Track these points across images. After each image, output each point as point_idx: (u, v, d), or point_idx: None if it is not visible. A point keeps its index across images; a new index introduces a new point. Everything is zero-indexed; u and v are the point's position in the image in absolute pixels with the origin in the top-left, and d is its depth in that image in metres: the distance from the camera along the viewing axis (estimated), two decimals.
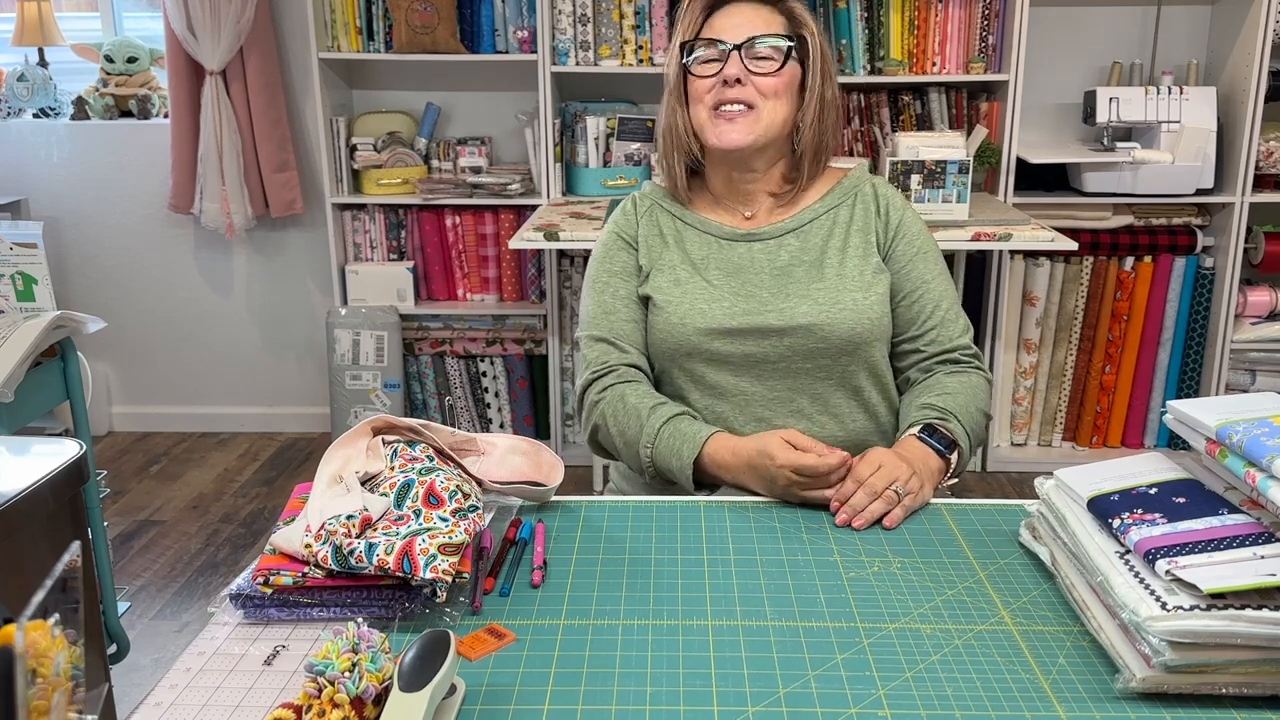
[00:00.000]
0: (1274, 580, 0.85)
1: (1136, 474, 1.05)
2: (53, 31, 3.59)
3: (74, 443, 1.47)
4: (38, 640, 0.62)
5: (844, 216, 1.52)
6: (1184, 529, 0.93)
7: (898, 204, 1.54)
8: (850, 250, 1.49)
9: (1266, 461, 0.91)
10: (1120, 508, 0.99)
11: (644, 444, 1.38)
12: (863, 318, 1.44)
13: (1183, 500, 0.99)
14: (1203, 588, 0.84)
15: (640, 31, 3.24)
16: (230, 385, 3.82)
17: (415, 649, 0.83)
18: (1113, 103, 3.16)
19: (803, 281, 1.47)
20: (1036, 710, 0.86)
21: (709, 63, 1.46)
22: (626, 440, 1.42)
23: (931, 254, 1.52)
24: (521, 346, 3.54)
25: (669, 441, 1.36)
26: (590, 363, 1.52)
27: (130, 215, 3.66)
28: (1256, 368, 3.37)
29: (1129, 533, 0.95)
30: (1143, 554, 0.91)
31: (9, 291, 2.16)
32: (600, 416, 1.46)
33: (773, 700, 0.88)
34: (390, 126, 3.46)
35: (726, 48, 1.44)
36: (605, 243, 1.59)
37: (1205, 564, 0.88)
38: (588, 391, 1.50)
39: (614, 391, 1.46)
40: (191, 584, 2.75)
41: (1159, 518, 0.96)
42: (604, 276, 1.56)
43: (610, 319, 1.53)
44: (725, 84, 1.44)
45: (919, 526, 1.19)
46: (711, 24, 1.47)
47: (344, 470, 1.13)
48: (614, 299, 1.54)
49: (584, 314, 1.57)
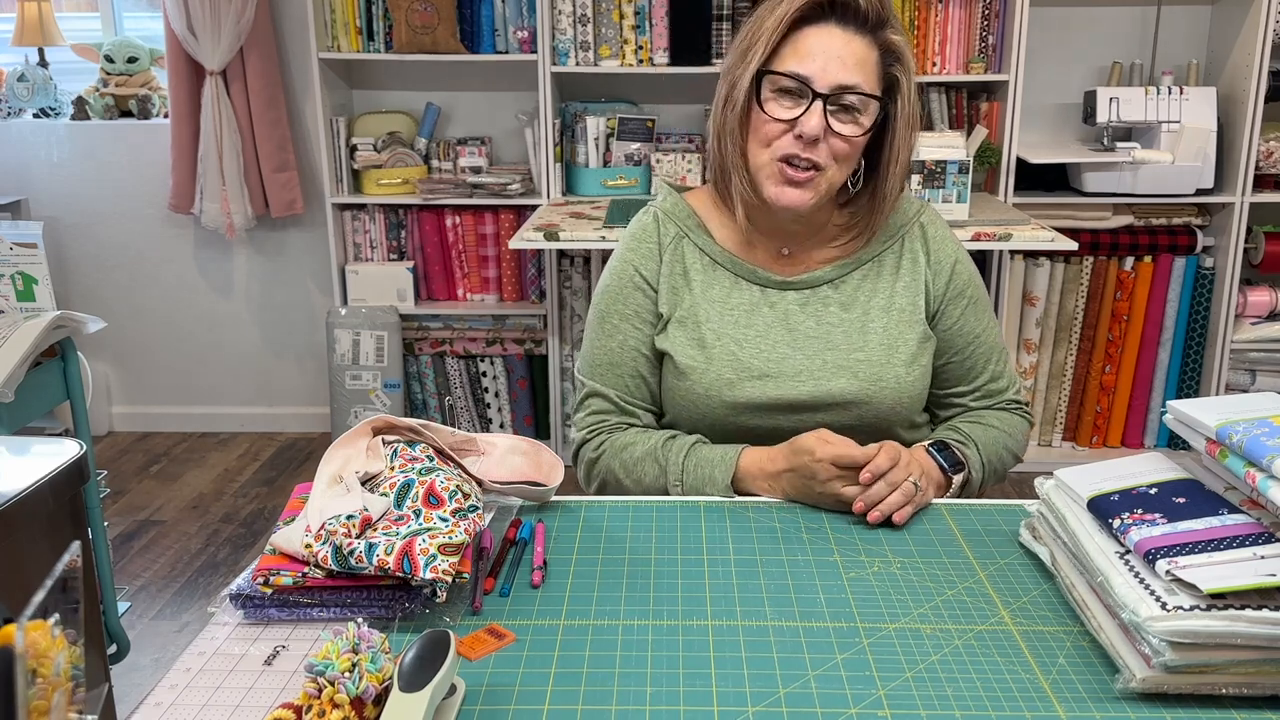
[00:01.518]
0: (1274, 580, 0.85)
1: (1137, 474, 1.05)
2: (53, 31, 3.59)
3: (74, 443, 1.47)
4: (38, 640, 0.62)
5: (890, 265, 1.39)
6: (1184, 529, 0.93)
7: (949, 250, 1.41)
8: (895, 312, 1.37)
9: (1267, 461, 0.91)
10: (1120, 508, 0.99)
11: (673, 484, 1.30)
12: (904, 394, 1.35)
13: (1183, 500, 0.99)
14: (1203, 588, 0.84)
15: (640, 31, 3.24)
16: (230, 385, 3.82)
17: (415, 649, 0.83)
18: (1113, 103, 3.16)
19: (843, 350, 1.35)
20: (1036, 710, 0.86)
21: (785, 99, 1.27)
22: (646, 487, 1.33)
23: (982, 302, 1.42)
24: (521, 346, 3.54)
25: (698, 472, 1.29)
26: (585, 422, 1.42)
27: (130, 215, 3.66)
28: (1256, 368, 3.37)
29: (1129, 533, 0.94)
30: (1143, 554, 0.91)
31: (9, 291, 2.16)
32: (607, 472, 1.38)
33: (773, 700, 0.88)
34: (390, 126, 3.46)
35: (810, 96, 1.25)
36: (619, 274, 1.41)
37: (1205, 564, 0.88)
38: (583, 450, 1.42)
39: (613, 443, 1.37)
40: (191, 584, 2.75)
41: (1159, 518, 0.96)
42: (614, 319, 1.41)
43: (616, 372, 1.40)
44: (798, 138, 1.26)
45: (919, 526, 1.19)
46: (796, 44, 1.26)
47: (344, 470, 1.13)
48: (622, 349, 1.40)
49: (587, 353, 1.44)
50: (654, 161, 3.38)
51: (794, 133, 1.26)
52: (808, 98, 1.25)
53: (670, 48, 3.24)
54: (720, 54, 3.24)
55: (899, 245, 1.41)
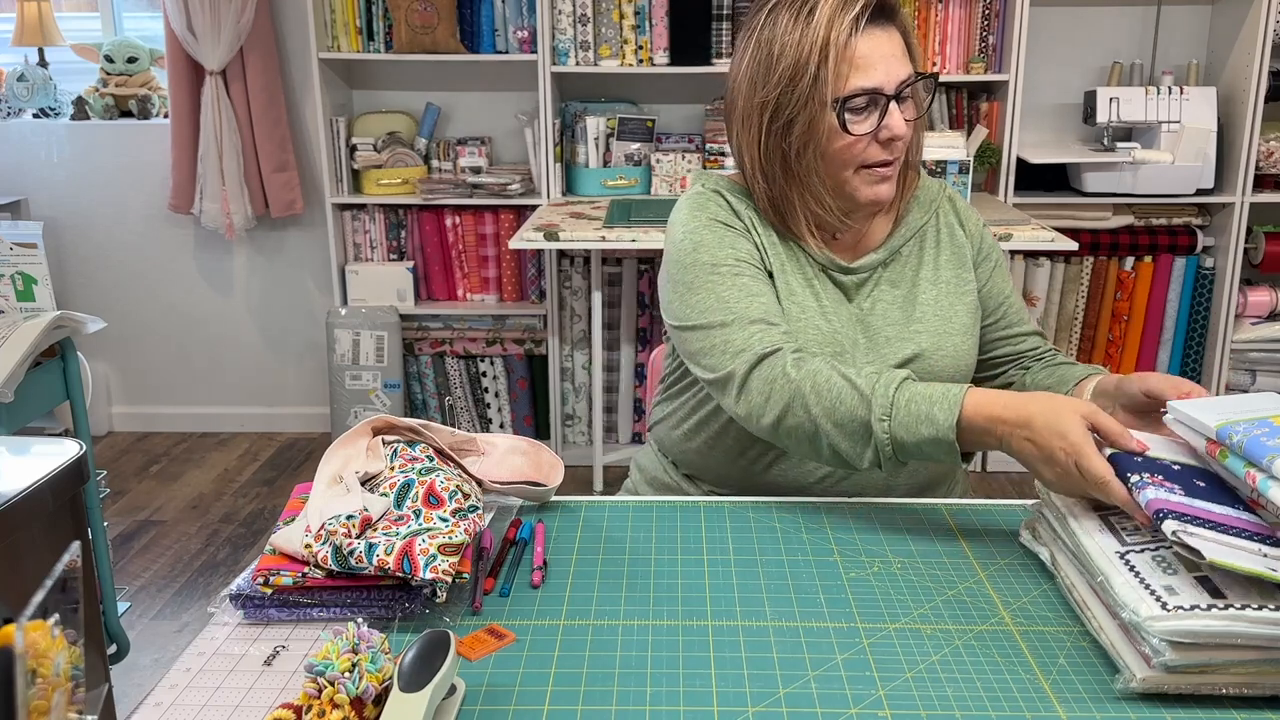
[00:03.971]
0: (1275, 575, 0.84)
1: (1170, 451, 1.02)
2: (53, 31, 3.59)
3: (74, 443, 1.47)
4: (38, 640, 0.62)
5: (930, 239, 1.41)
6: (1199, 506, 0.93)
7: (975, 216, 1.46)
8: (942, 284, 1.38)
9: (1267, 462, 0.91)
10: (1145, 469, 0.97)
11: (878, 418, 1.13)
12: (961, 362, 1.36)
13: (1203, 485, 0.98)
14: (1206, 555, 0.84)
15: (640, 31, 3.24)
16: (230, 385, 3.82)
17: (415, 649, 0.83)
18: (1113, 103, 3.16)
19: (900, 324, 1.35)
20: (1036, 710, 0.86)
21: (859, 114, 1.26)
22: (837, 420, 1.16)
23: (1004, 264, 1.46)
24: (521, 346, 3.54)
25: (911, 409, 1.12)
26: (745, 346, 1.24)
27: (130, 215, 3.66)
28: (1256, 368, 3.37)
29: (1144, 489, 0.93)
30: (1153, 512, 0.90)
31: (9, 291, 2.16)
32: (791, 395, 1.18)
33: (773, 700, 0.88)
34: (390, 126, 3.46)
35: (881, 102, 1.25)
36: (709, 229, 1.33)
37: (1211, 538, 0.88)
38: (758, 371, 1.22)
39: (803, 365, 1.20)
40: (191, 584, 2.75)
41: (1177, 488, 0.95)
42: (726, 262, 1.30)
43: (760, 301, 1.28)
44: (885, 143, 1.27)
45: (919, 526, 1.19)
46: (851, 59, 1.24)
47: (344, 470, 1.13)
48: (754, 281, 1.30)
49: (710, 303, 1.28)
50: (654, 161, 3.38)
51: (878, 139, 1.27)
52: (879, 104, 1.25)
53: (670, 48, 3.24)
54: (720, 54, 3.24)
55: (935, 219, 1.42)
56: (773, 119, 1.28)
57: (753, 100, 1.29)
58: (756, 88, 1.28)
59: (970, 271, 1.42)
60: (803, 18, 1.24)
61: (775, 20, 1.27)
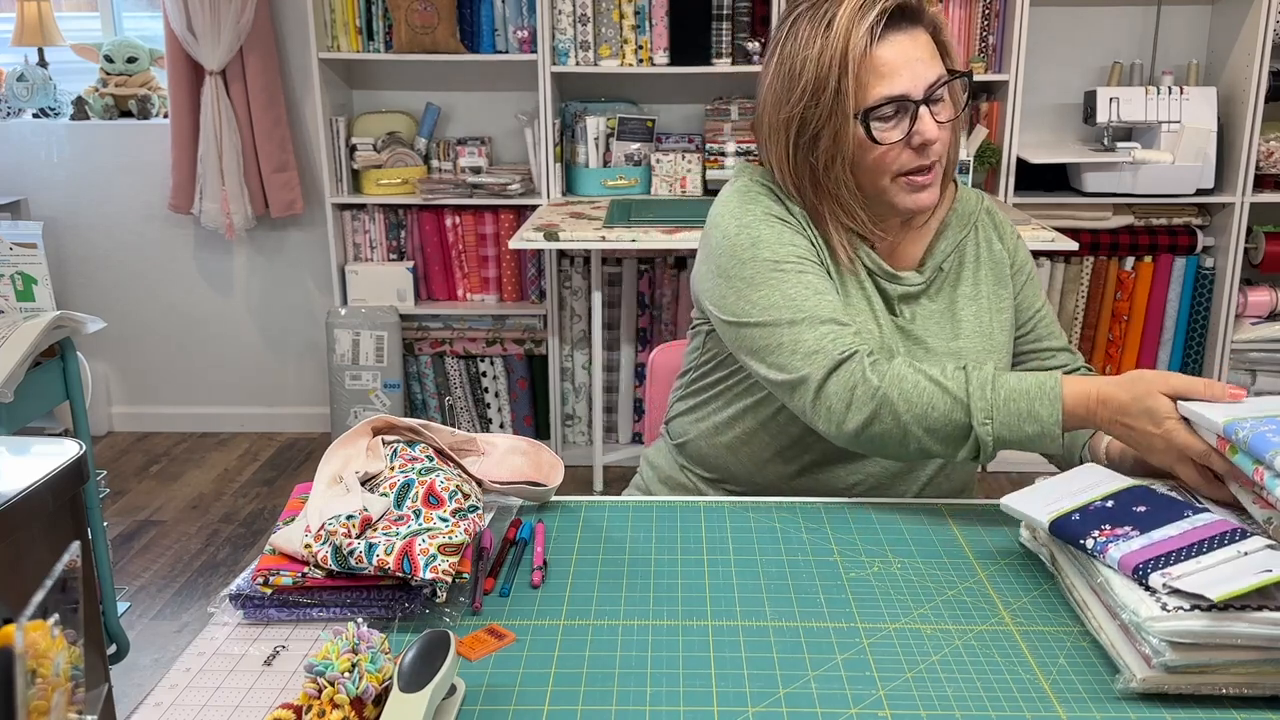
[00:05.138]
0: (1273, 576, 0.84)
1: (1085, 488, 1.05)
2: (53, 31, 3.59)
3: (74, 443, 1.47)
4: (37, 640, 0.62)
5: (970, 254, 1.38)
6: (1160, 537, 0.93)
7: (1010, 227, 1.43)
8: (982, 300, 1.36)
9: (1270, 456, 0.91)
10: (1087, 526, 0.98)
11: (980, 421, 1.12)
12: None
13: (1144, 509, 0.98)
14: (1211, 596, 0.83)
15: (640, 31, 3.24)
16: (230, 385, 3.82)
17: (415, 649, 0.83)
18: (1113, 103, 3.16)
19: (942, 339, 1.33)
20: (1036, 710, 0.86)
21: (888, 122, 1.23)
22: (931, 425, 1.14)
23: (1035, 274, 1.44)
24: (521, 346, 3.54)
25: (1011, 407, 1.12)
26: (818, 348, 1.19)
27: (130, 215, 3.66)
28: (1257, 368, 3.37)
29: (1107, 551, 0.93)
30: (1131, 570, 0.90)
31: (9, 291, 2.16)
32: (877, 402, 1.15)
33: (773, 700, 0.88)
34: (390, 126, 3.46)
35: (910, 108, 1.22)
36: (764, 223, 1.28)
37: (1198, 570, 0.87)
38: (835, 377, 1.18)
39: (884, 370, 1.17)
40: (191, 584, 2.75)
41: (1130, 530, 0.95)
42: (790, 259, 1.25)
43: (828, 299, 1.23)
44: (918, 149, 1.23)
45: (919, 526, 1.19)
46: (875, 68, 1.21)
47: (344, 470, 1.13)
48: (820, 279, 1.25)
49: (776, 300, 1.23)
50: (654, 161, 3.38)
51: (910, 145, 1.24)
52: (909, 110, 1.22)
53: (670, 48, 3.24)
54: (720, 54, 3.24)
55: (974, 234, 1.40)
56: (799, 134, 1.26)
57: (778, 116, 1.27)
58: (781, 104, 1.26)
59: (1008, 287, 1.40)
60: (821, 29, 1.22)
61: (796, 33, 1.25)
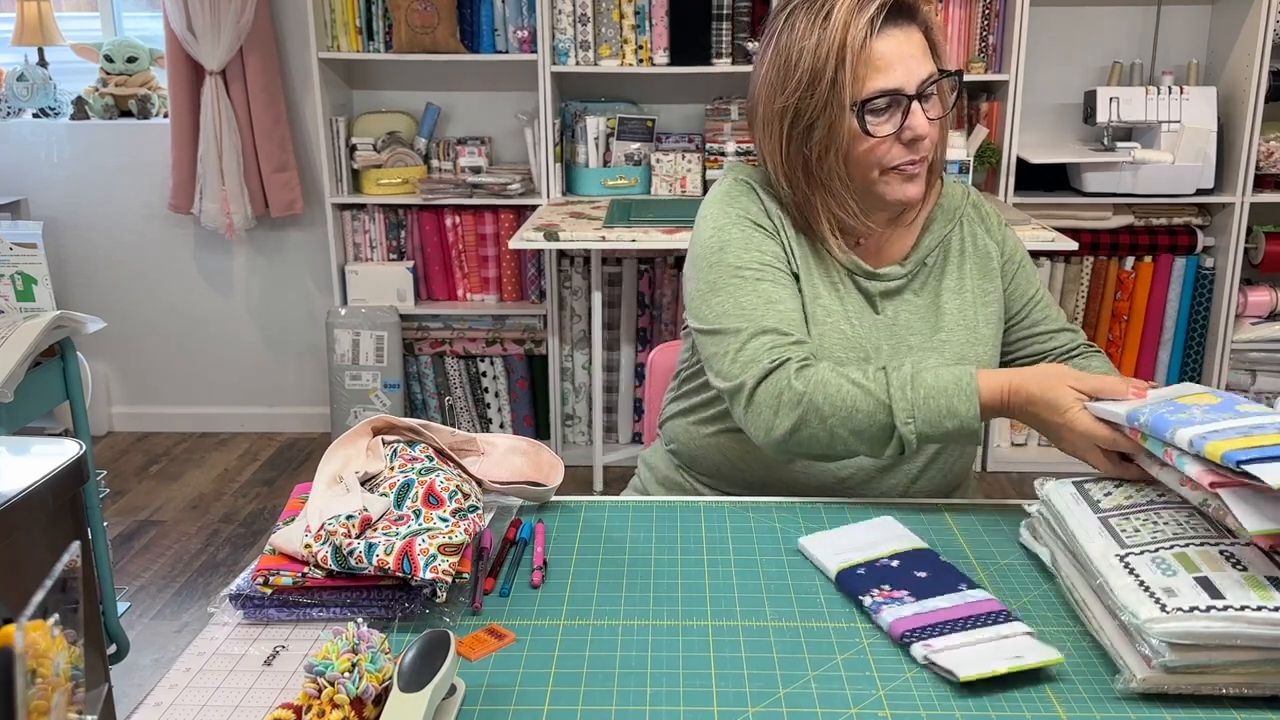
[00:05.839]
0: (1022, 664, 0.88)
1: (875, 543, 1.10)
2: (52, 31, 3.59)
3: (74, 443, 1.47)
4: (38, 640, 0.62)
5: (955, 249, 1.39)
6: (931, 607, 0.97)
7: (997, 219, 1.44)
8: (966, 294, 1.37)
9: (1170, 434, 0.94)
10: (869, 583, 1.03)
11: (902, 421, 1.16)
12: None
13: (924, 575, 1.03)
14: (959, 675, 0.87)
15: (640, 31, 3.24)
16: (230, 385, 3.82)
17: (415, 649, 0.83)
18: (1113, 103, 3.16)
19: (924, 334, 1.35)
20: (1036, 710, 0.86)
21: (880, 115, 1.25)
22: (855, 427, 1.18)
23: (1030, 263, 1.44)
24: (521, 346, 3.54)
25: (930, 405, 1.16)
26: (754, 357, 1.23)
27: (130, 215, 3.66)
28: (1257, 368, 3.37)
29: (881, 612, 0.98)
30: (898, 636, 0.94)
31: (9, 291, 2.16)
32: (803, 408, 1.18)
33: (773, 700, 0.88)
34: (390, 126, 3.46)
35: (903, 102, 1.24)
36: (736, 226, 1.32)
37: (958, 646, 0.91)
38: (765, 384, 1.21)
39: (809, 376, 1.20)
40: (191, 584, 2.75)
41: (906, 595, 0.99)
42: (753, 265, 1.29)
43: (776, 309, 1.26)
44: (908, 143, 1.25)
45: (919, 526, 1.19)
46: (869, 61, 1.23)
47: (344, 470, 1.13)
48: (775, 287, 1.28)
49: (730, 307, 1.27)
50: (654, 161, 3.38)
51: (901, 139, 1.25)
52: (901, 104, 1.24)
53: (670, 48, 3.24)
54: (720, 54, 3.24)
55: (960, 228, 1.40)
56: (793, 124, 1.28)
57: (773, 106, 1.29)
58: (776, 93, 1.28)
59: (995, 280, 1.40)
60: (819, 21, 1.24)
61: (793, 25, 1.26)
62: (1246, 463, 0.84)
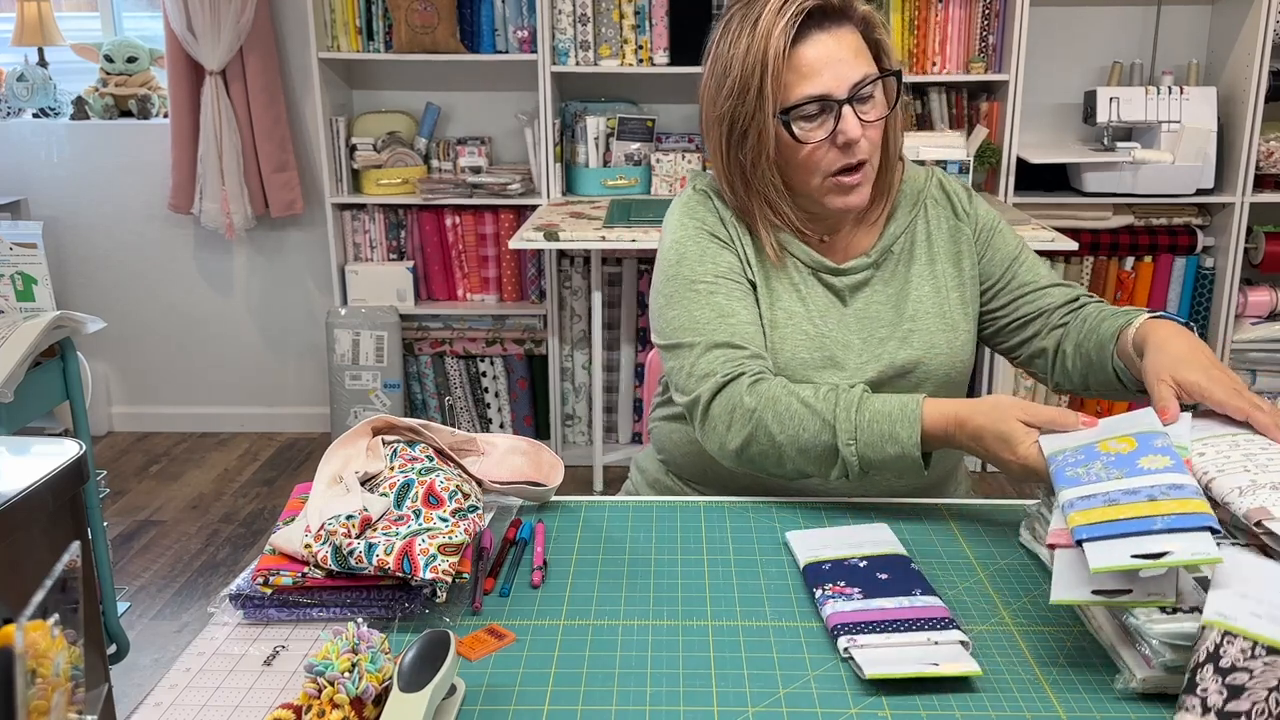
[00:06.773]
0: (934, 670, 0.88)
1: (855, 545, 1.10)
2: (53, 31, 3.59)
3: (74, 443, 1.47)
4: (37, 640, 0.62)
5: (921, 235, 1.38)
6: (874, 606, 0.97)
7: (964, 193, 1.41)
8: (934, 279, 1.36)
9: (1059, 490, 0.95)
10: (827, 578, 1.03)
11: (844, 443, 1.16)
12: (956, 358, 1.35)
13: (885, 577, 1.03)
14: (866, 672, 0.89)
15: (640, 31, 3.24)
16: (230, 385, 3.82)
17: (415, 649, 0.83)
18: (1113, 103, 3.16)
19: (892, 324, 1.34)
20: (1036, 710, 0.86)
21: (812, 121, 1.24)
22: (803, 445, 1.19)
23: (1004, 226, 1.40)
24: (521, 346, 3.54)
25: (874, 429, 1.15)
26: (719, 368, 1.25)
27: (130, 215, 3.66)
28: (1257, 368, 3.37)
29: (826, 605, 0.99)
30: (831, 628, 0.95)
31: (9, 291, 2.16)
32: (753, 424, 1.20)
33: (773, 700, 0.88)
34: (390, 126, 3.46)
35: (834, 107, 1.23)
36: (694, 240, 1.33)
37: (879, 645, 0.92)
38: (718, 399, 1.23)
39: (760, 393, 1.21)
40: (191, 584, 2.75)
41: (856, 593, 1.00)
42: (706, 279, 1.30)
43: (729, 323, 1.28)
44: (842, 148, 1.24)
45: (919, 526, 1.19)
46: (796, 68, 1.23)
47: (344, 470, 1.13)
48: (729, 300, 1.30)
49: (685, 321, 1.30)
50: (654, 161, 3.38)
51: (835, 144, 1.25)
52: (832, 109, 1.24)
53: (670, 47, 3.24)
54: None
55: (924, 211, 1.39)
56: (729, 131, 1.29)
57: (713, 113, 1.30)
58: (714, 101, 1.30)
59: (969, 258, 1.38)
60: (749, 28, 1.24)
61: (727, 32, 1.28)
62: (1085, 541, 0.87)
